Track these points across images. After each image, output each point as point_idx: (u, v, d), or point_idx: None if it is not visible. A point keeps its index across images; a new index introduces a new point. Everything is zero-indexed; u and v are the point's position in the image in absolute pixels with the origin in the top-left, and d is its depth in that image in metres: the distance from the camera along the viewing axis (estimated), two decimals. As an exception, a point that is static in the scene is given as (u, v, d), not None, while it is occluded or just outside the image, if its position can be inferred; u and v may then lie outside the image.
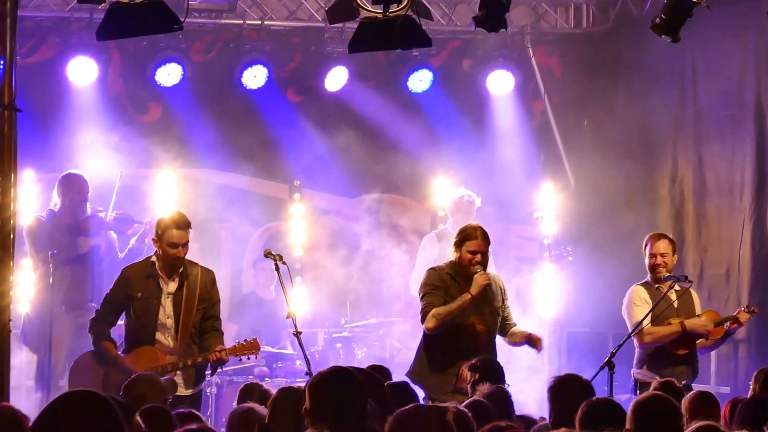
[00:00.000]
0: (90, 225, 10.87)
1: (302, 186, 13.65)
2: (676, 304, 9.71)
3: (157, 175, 12.95)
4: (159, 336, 8.92)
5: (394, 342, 12.51)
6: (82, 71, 12.31)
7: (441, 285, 8.99)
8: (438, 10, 13.32)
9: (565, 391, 6.39)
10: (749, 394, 7.53)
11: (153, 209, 12.51)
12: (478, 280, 8.88)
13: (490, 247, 9.14)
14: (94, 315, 9.15)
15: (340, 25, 12.52)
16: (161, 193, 12.86)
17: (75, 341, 10.60)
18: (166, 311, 8.92)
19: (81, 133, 12.31)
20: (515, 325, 9.33)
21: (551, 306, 13.38)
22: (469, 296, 8.86)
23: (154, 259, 9.07)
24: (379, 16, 8.90)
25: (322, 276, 13.64)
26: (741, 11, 12.26)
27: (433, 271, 9.15)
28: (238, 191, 13.45)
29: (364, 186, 13.97)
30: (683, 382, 9.46)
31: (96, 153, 12.20)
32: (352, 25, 9.71)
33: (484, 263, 9.02)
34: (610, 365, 8.97)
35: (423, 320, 8.99)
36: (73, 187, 10.86)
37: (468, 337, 9.01)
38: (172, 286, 8.98)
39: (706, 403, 6.98)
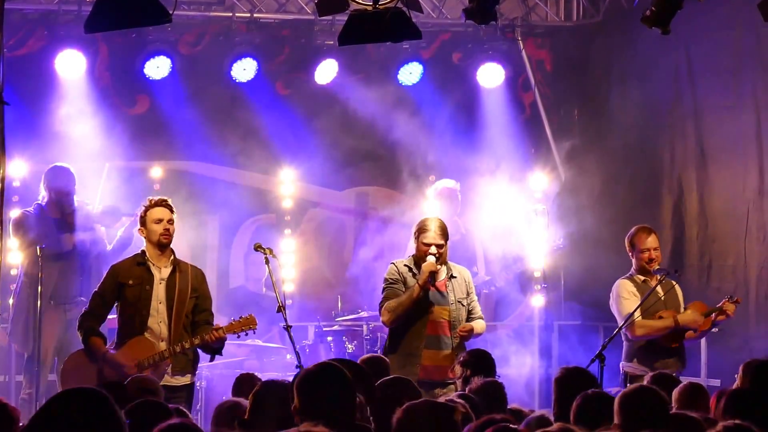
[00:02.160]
0: (77, 218, 10.81)
1: (291, 178, 13.60)
2: (663, 297, 9.73)
3: (146, 167, 12.91)
4: (151, 323, 8.84)
5: (384, 335, 12.47)
6: (70, 64, 12.26)
7: (399, 278, 9.14)
8: (428, 3, 13.28)
9: (571, 383, 6.35)
10: (735, 385, 7.52)
11: (141, 202, 12.47)
12: (424, 268, 9.05)
13: (448, 240, 9.34)
14: (83, 311, 9.07)
15: (329, 17, 12.49)
16: (149, 186, 12.82)
17: (64, 335, 10.57)
18: (159, 297, 8.86)
19: (69, 126, 12.26)
20: (479, 319, 9.45)
21: (542, 298, 13.39)
22: (418, 286, 9.00)
23: (143, 249, 9.06)
24: (369, 8, 8.88)
25: (312, 269, 13.62)
26: (732, 2, 12.25)
27: (392, 265, 9.28)
28: (226, 184, 13.42)
29: (354, 178, 13.97)
30: (673, 374, 9.49)
31: (84, 146, 12.16)
32: (342, 18, 9.69)
33: (440, 256, 9.15)
34: (600, 358, 8.97)
35: (380, 315, 9.16)
36: (59, 180, 10.80)
37: (431, 329, 9.12)
38: (165, 272, 8.94)
39: (695, 395, 6.98)
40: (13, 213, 10.95)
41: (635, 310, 9.45)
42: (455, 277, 9.33)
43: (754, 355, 12.18)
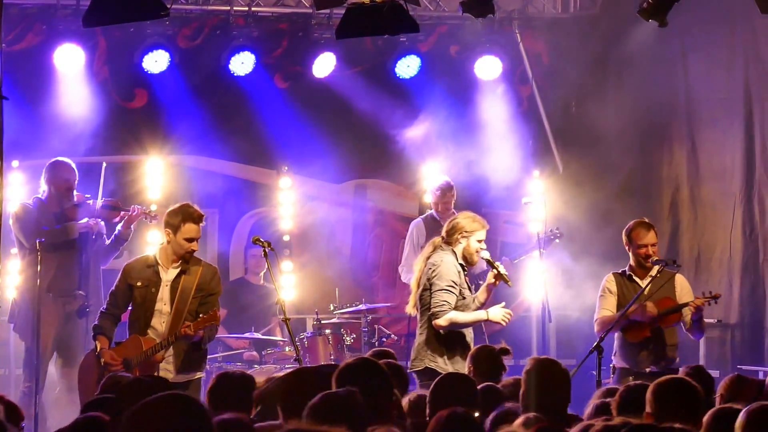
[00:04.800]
0: (77, 213, 10.83)
1: (289, 171, 13.63)
2: (647, 291, 9.47)
3: (144, 161, 12.95)
4: (155, 322, 9.02)
5: (382, 328, 12.53)
6: (69, 58, 12.27)
7: (458, 281, 9.13)
8: (425, -4, 13.31)
9: (543, 374, 6.33)
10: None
11: (140, 196, 12.52)
12: (497, 316, 9.17)
13: None
14: (101, 310, 9.26)
15: (327, 11, 12.51)
16: (148, 180, 12.87)
17: (63, 329, 10.59)
18: (164, 299, 9.04)
19: (67, 120, 12.29)
20: None
21: (540, 291, 13.40)
22: (485, 318, 9.18)
23: (158, 250, 9.24)
24: (367, 1, 8.93)
25: (310, 262, 13.65)
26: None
27: (451, 264, 9.17)
28: (225, 177, 13.44)
29: (352, 171, 13.99)
30: (647, 370, 9.46)
31: (82, 139, 12.19)
32: (340, 11, 9.74)
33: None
34: (598, 349, 8.97)
35: (435, 315, 9.06)
36: (60, 174, 10.82)
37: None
38: (171, 273, 9.09)
39: (740, 385, 6.87)
40: (13, 206, 10.96)
41: (628, 308, 9.35)
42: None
43: (739, 348, 12.28)
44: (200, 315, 8.97)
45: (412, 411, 6.33)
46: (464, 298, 9.16)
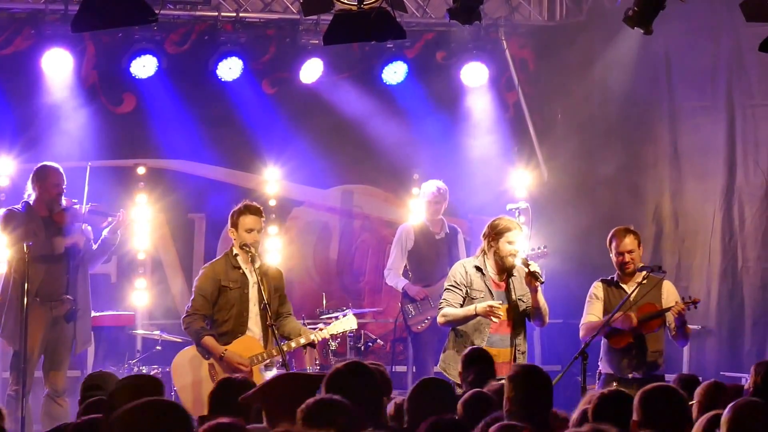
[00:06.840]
0: (65, 217, 10.83)
1: (276, 177, 13.64)
2: (633, 297, 9.52)
3: (132, 165, 12.97)
4: (250, 324, 9.43)
5: (368, 333, 12.58)
6: (57, 63, 12.26)
7: (463, 281, 9.27)
8: (412, 2, 13.36)
9: (527, 381, 6.36)
10: (747, 385, 7.47)
11: (127, 201, 12.53)
12: (483, 311, 9.14)
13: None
14: (187, 312, 9.50)
15: (315, 17, 12.54)
16: (135, 185, 12.89)
17: (50, 332, 10.58)
18: (253, 299, 9.43)
19: (55, 125, 12.32)
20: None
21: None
22: (473, 312, 9.17)
23: (236, 252, 9.51)
24: (354, 8, 8.95)
25: (297, 267, 13.67)
26: (714, 3, 12.35)
27: (460, 266, 9.41)
28: (211, 182, 13.46)
29: (338, 177, 14.03)
30: (629, 376, 9.53)
31: (70, 144, 12.21)
32: (327, 18, 9.76)
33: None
34: (583, 355, 9.01)
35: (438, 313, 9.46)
36: (49, 179, 10.80)
37: (493, 328, 9.30)
38: (254, 275, 9.42)
39: (718, 393, 6.92)
40: (0, 211, 10.97)
41: (613, 314, 9.41)
42: (514, 276, 9.40)
43: (718, 355, 12.32)
44: (279, 310, 9.52)
45: (397, 416, 6.37)
46: (473, 298, 9.27)
